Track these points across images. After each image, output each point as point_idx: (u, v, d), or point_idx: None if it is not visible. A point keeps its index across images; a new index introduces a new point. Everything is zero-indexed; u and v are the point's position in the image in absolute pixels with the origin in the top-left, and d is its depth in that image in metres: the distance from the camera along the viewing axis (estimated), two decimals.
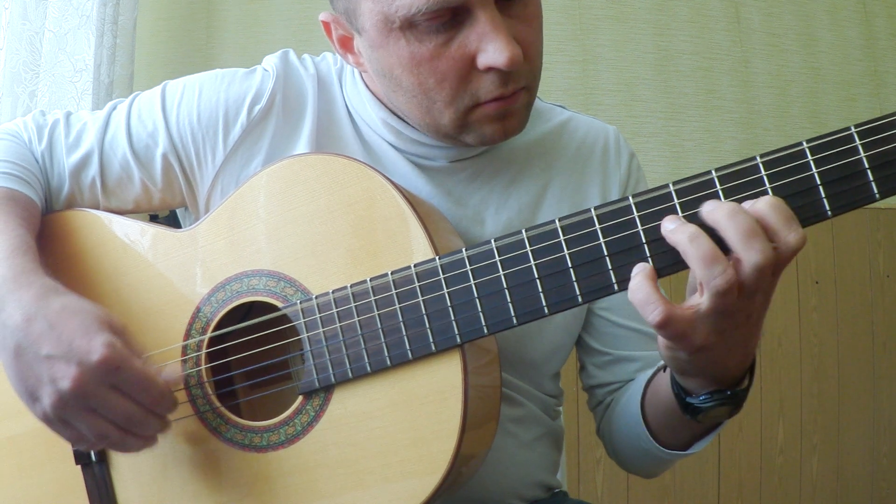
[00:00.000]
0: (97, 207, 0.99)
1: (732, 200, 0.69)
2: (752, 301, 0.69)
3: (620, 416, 1.01)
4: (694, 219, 0.69)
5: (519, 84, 0.86)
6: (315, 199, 0.85)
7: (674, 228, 0.69)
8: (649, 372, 0.96)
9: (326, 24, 0.93)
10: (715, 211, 0.68)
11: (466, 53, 0.83)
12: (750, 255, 0.66)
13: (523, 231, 0.76)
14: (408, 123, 0.95)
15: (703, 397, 0.78)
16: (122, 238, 0.93)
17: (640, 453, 0.98)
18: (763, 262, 0.66)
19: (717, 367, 0.75)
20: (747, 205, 0.68)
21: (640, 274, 0.70)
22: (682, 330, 0.69)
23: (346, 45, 0.93)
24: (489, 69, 0.83)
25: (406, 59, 0.85)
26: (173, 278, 0.90)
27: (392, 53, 0.85)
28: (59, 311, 0.78)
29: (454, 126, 0.88)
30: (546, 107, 1.07)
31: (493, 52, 0.81)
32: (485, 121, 0.88)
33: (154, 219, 1.11)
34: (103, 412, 0.77)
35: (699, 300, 0.68)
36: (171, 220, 1.12)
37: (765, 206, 0.67)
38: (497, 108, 0.86)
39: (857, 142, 0.68)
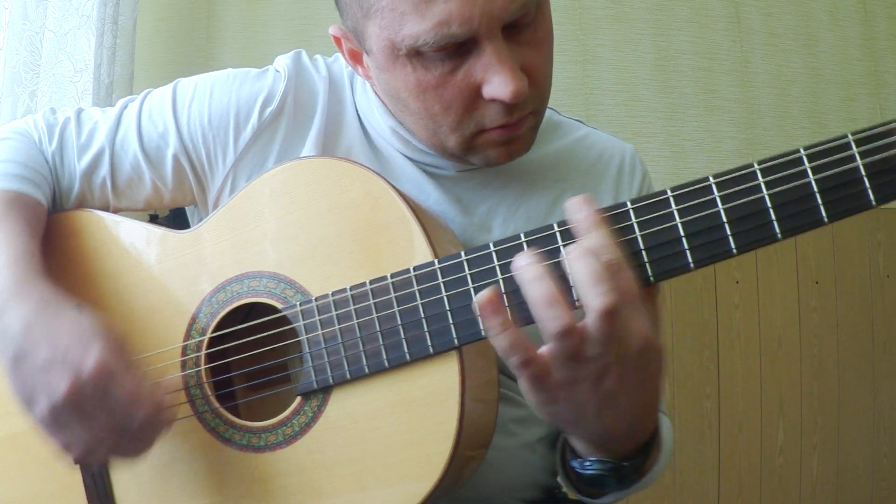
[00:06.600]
0: (107, 207, 0.99)
1: (730, 206, 0.69)
2: (599, 363, 0.66)
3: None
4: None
5: (524, 111, 0.85)
6: (317, 202, 0.85)
7: (520, 266, 0.68)
8: None
9: (337, 38, 0.93)
10: (568, 255, 0.67)
11: (472, 83, 0.82)
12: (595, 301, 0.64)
13: (522, 235, 0.76)
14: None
15: (588, 463, 0.77)
16: (125, 238, 0.93)
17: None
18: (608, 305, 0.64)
19: (592, 432, 0.73)
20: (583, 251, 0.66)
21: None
22: (537, 373, 0.67)
23: (356, 58, 0.93)
24: (494, 100, 0.83)
25: (412, 84, 0.84)
26: (175, 279, 0.90)
27: (398, 78, 0.85)
28: (58, 321, 0.78)
29: (460, 149, 0.89)
30: (564, 121, 1.06)
31: (498, 84, 0.80)
32: (490, 145, 0.88)
33: (154, 219, 1.11)
34: (98, 419, 0.77)
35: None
36: (173, 220, 1.12)
37: (573, 261, 0.66)
38: (502, 134, 0.86)
39: (854, 149, 0.68)
